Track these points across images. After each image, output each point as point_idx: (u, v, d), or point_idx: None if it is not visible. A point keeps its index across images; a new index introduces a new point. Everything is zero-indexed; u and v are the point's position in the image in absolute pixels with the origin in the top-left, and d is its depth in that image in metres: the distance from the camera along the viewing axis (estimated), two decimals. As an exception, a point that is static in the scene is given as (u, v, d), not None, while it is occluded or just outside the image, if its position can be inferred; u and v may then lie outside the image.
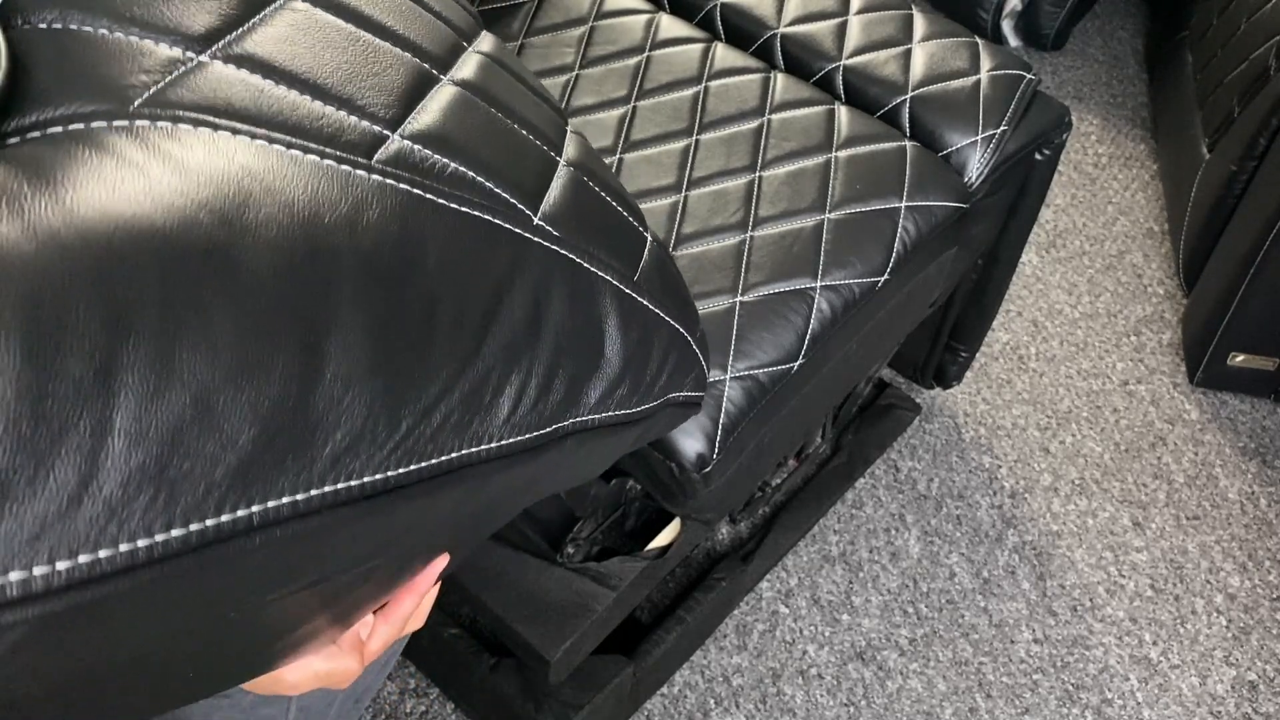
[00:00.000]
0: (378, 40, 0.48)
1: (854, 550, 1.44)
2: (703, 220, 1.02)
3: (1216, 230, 1.66)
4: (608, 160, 1.07)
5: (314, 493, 0.39)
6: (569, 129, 0.60)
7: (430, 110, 0.47)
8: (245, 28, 0.43)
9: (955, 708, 1.31)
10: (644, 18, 1.20)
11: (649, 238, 0.62)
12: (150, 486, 0.34)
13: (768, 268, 0.99)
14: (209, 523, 0.36)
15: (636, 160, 1.07)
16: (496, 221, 0.47)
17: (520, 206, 0.49)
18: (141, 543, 0.34)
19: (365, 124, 0.44)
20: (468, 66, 0.52)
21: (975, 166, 1.12)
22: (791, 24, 1.22)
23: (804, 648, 1.35)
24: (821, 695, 1.31)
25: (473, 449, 0.46)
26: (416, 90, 0.48)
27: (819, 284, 0.99)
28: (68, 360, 0.32)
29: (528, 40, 1.19)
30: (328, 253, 0.39)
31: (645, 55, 1.17)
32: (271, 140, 0.40)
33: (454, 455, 0.45)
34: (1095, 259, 1.83)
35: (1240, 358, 1.61)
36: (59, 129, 0.37)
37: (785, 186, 1.05)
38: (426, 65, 0.50)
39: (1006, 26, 2.17)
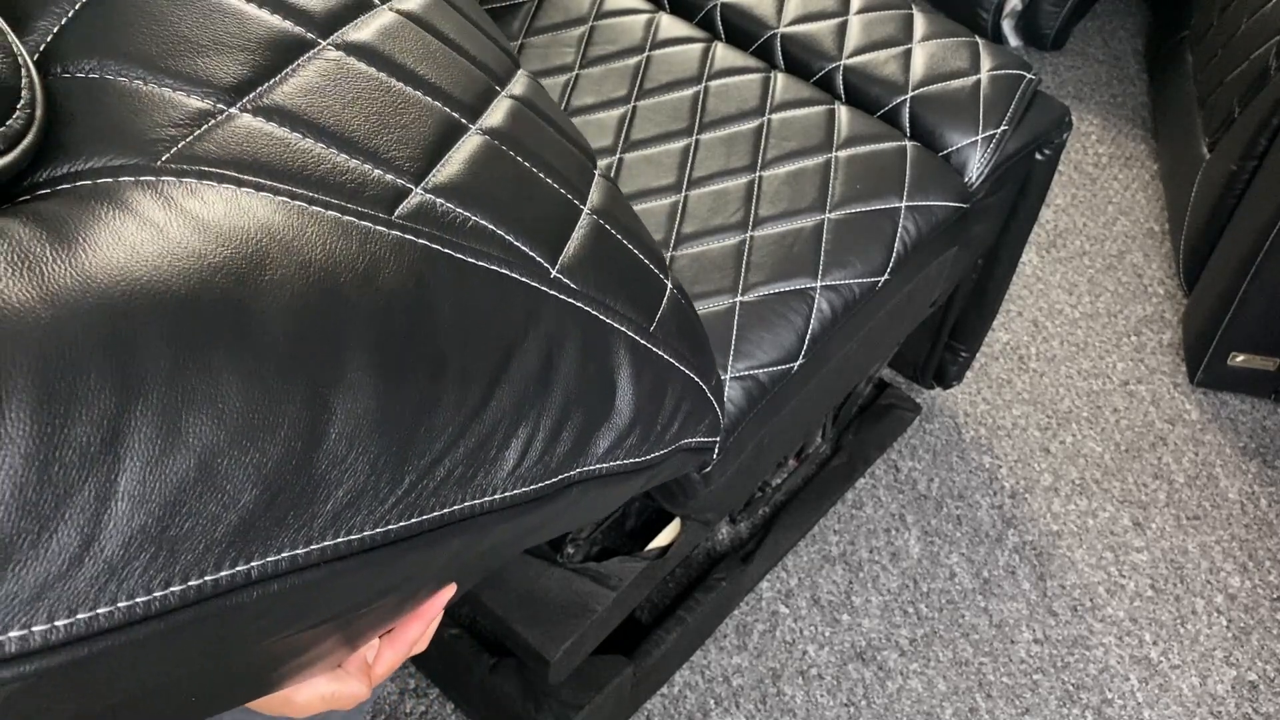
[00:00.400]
0: (408, 89, 0.48)
1: (854, 550, 1.44)
2: (703, 220, 1.02)
3: (1217, 230, 1.66)
4: (607, 160, 1.07)
5: (314, 548, 0.39)
6: (596, 173, 0.60)
7: (455, 161, 0.47)
8: (276, 79, 0.44)
9: (955, 708, 1.31)
10: (644, 17, 1.20)
11: (669, 285, 0.62)
12: (151, 546, 0.34)
13: (768, 267, 0.99)
14: (208, 579, 0.36)
15: (636, 160, 1.07)
16: (513, 275, 0.47)
17: (538, 259, 0.49)
18: (140, 599, 0.35)
19: (390, 177, 0.44)
20: (498, 113, 0.52)
21: (975, 166, 1.12)
22: (791, 24, 1.22)
23: (804, 648, 1.35)
24: (821, 695, 1.31)
25: (476, 501, 0.46)
26: (444, 141, 0.48)
27: (819, 284, 0.99)
28: (76, 426, 0.32)
29: (528, 40, 1.19)
30: (341, 314, 0.39)
31: (645, 55, 1.17)
32: (294, 197, 0.40)
33: (456, 508, 0.45)
34: (1095, 259, 1.83)
35: (1241, 358, 1.61)
36: (87, 183, 0.37)
37: (785, 186, 1.05)
38: (456, 115, 0.50)
39: (1007, 26, 2.17)
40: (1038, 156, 1.19)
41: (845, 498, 1.48)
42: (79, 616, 0.33)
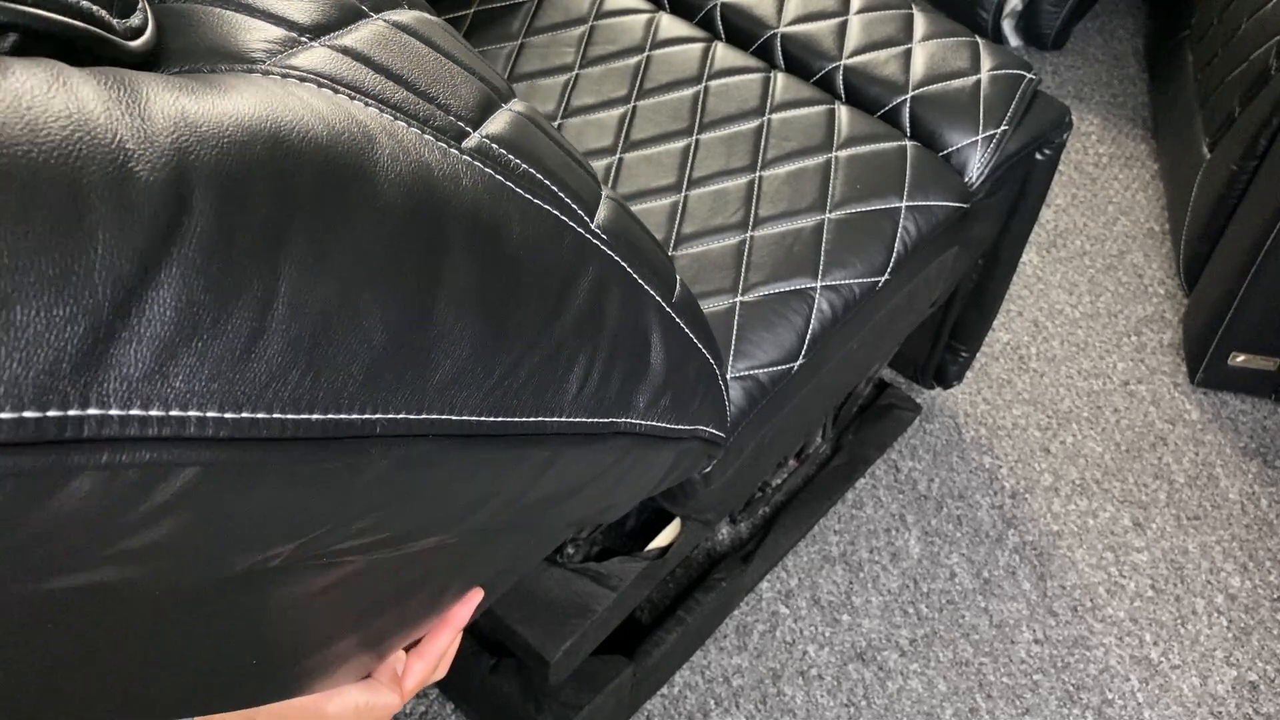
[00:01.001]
0: (449, 62, 0.52)
1: (854, 550, 1.44)
2: (703, 220, 1.02)
3: (1217, 230, 1.66)
4: (607, 160, 1.07)
5: (424, 416, 0.43)
6: (604, 193, 0.64)
7: (499, 121, 0.51)
8: (344, 30, 0.47)
9: (955, 708, 1.31)
10: (644, 17, 1.20)
11: (679, 279, 0.66)
12: (302, 362, 0.37)
13: (768, 267, 0.99)
14: (343, 416, 0.39)
15: (636, 160, 1.07)
16: (563, 218, 0.51)
17: (580, 212, 0.53)
18: (290, 416, 0.37)
19: (450, 118, 0.48)
20: (519, 106, 0.57)
21: (976, 166, 1.12)
22: (792, 24, 1.22)
23: (804, 648, 1.35)
24: (822, 696, 1.31)
25: (546, 418, 0.50)
26: (486, 105, 0.51)
27: (819, 284, 0.99)
28: (249, 221, 0.35)
29: (527, 40, 1.18)
30: (440, 196, 0.43)
31: (645, 55, 1.16)
32: (381, 110, 0.44)
33: (530, 419, 0.49)
34: (1096, 259, 1.83)
35: (1241, 358, 1.61)
36: (205, 70, 0.41)
37: (785, 186, 1.05)
38: (489, 90, 0.54)
39: (1007, 26, 2.17)
40: (1038, 156, 1.19)
41: (845, 498, 1.48)
42: (243, 415, 0.35)
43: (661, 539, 1.06)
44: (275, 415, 0.37)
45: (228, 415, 0.35)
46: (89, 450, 0.32)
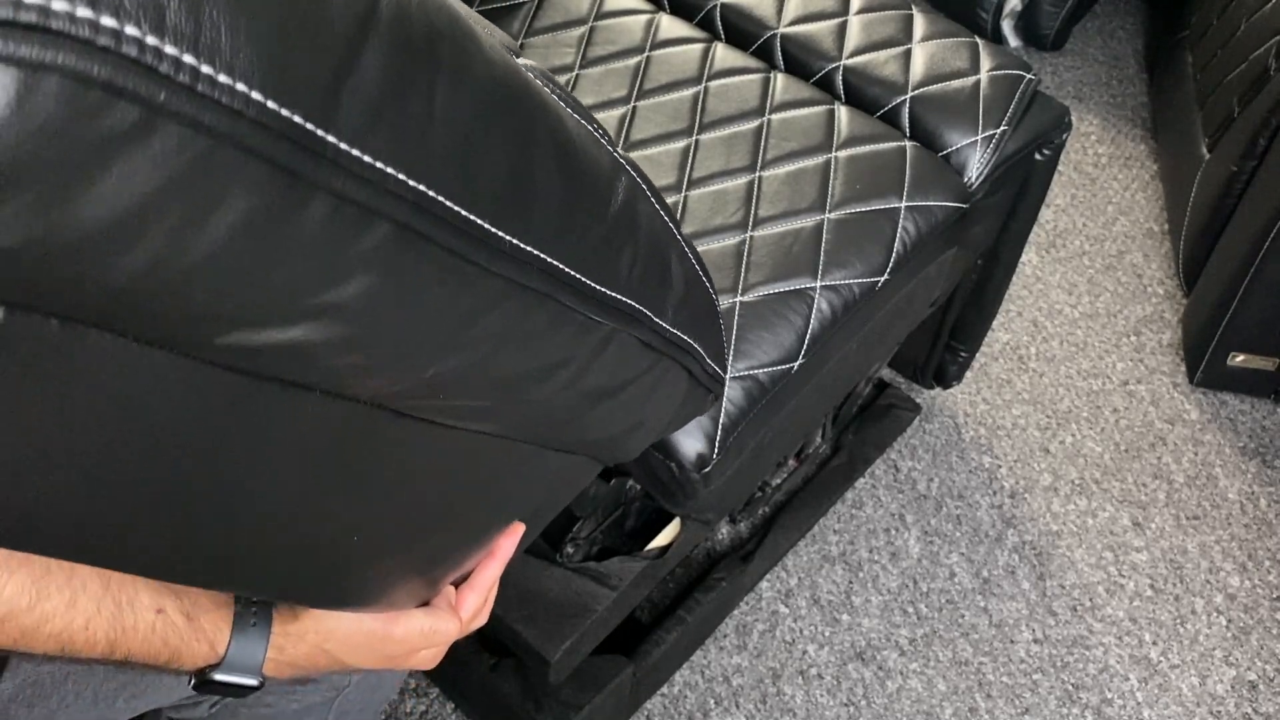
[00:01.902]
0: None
1: (854, 550, 1.44)
2: (703, 220, 1.02)
3: (1216, 230, 1.66)
4: (608, 160, 1.08)
5: (532, 250, 0.48)
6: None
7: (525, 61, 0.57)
8: None
9: (955, 707, 1.31)
10: (644, 18, 1.20)
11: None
12: (457, 161, 0.42)
13: (768, 268, 0.99)
14: (487, 225, 0.45)
15: (636, 160, 1.07)
16: (597, 134, 0.56)
17: (609, 137, 0.58)
18: (451, 205, 0.43)
19: (497, 38, 0.53)
20: (531, 63, 0.62)
21: (975, 166, 1.13)
22: (791, 24, 1.22)
23: (804, 647, 1.35)
24: (821, 695, 1.31)
25: (608, 290, 0.56)
26: (511, 50, 0.57)
27: (819, 284, 0.99)
28: (413, 25, 0.40)
29: (528, 40, 1.19)
30: (522, 78, 0.48)
31: (645, 55, 1.17)
32: None
33: (598, 286, 0.55)
34: (1095, 259, 1.83)
35: (1240, 358, 1.61)
36: None
37: (785, 186, 1.05)
38: (509, 40, 0.59)
39: (1006, 26, 2.17)
40: (1037, 157, 1.19)
41: (845, 498, 1.48)
42: (422, 187, 0.41)
43: (661, 539, 1.06)
44: (443, 199, 0.42)
45: (412, 183, 0.40)
46: (329, 171, 0.37)
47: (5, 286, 0.34)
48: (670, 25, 1.20)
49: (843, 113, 1.12)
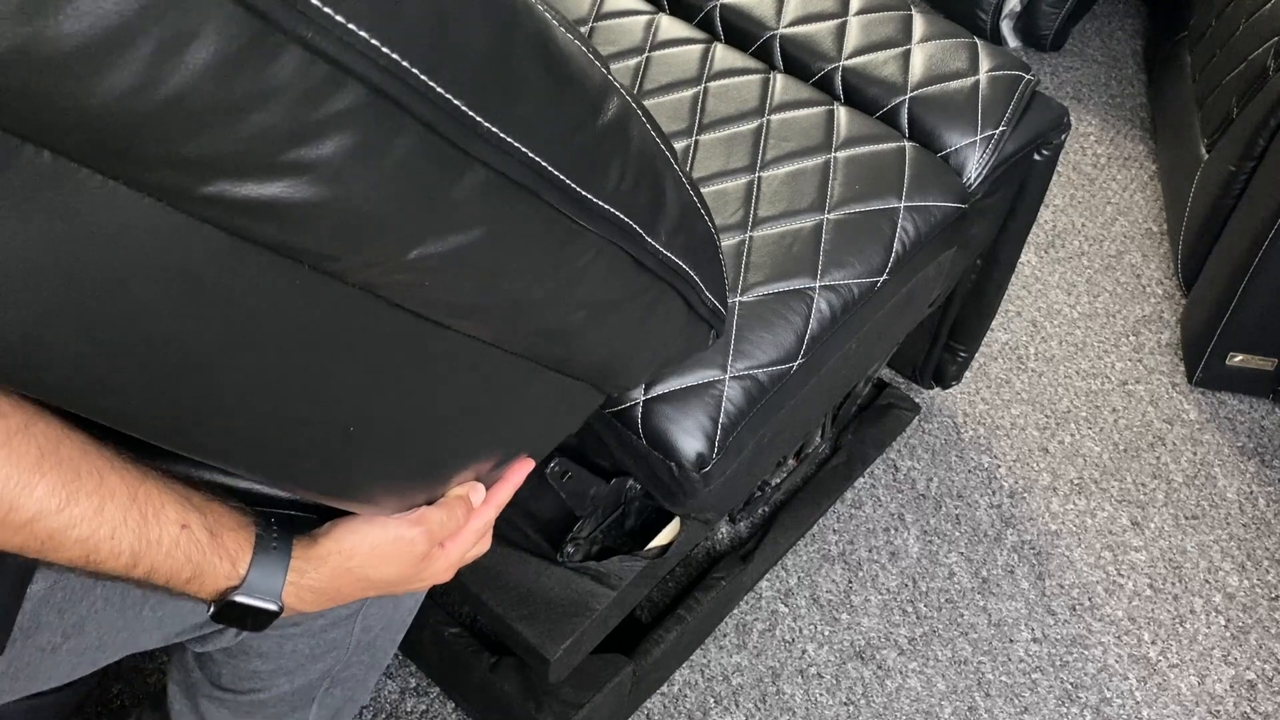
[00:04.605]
0: None
1: (853, 550, 1.44)
2: (702, 220, 1.03)
3: (1215, 230, 1.66)
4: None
5: (512, 140, 0.50)
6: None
7: None
8: None
9: (954, 707, 1.32)
10: (644, 18, 1.21)
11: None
12: (428, 33, 0.44)
13: (767, 268, 0.99)
14: (459, 103, 0.47)
15: (636, 161, 1.07)
16: (590, 56, 0.58)
17: (604, 62, 0.61)
18: (423, 77, 0.45)
19: None
20: None
21: (974, 167, 1.13)
22: (791, 25, 1.22)
23: (803, 647, 1.35)
24: (821, 694, 1.31)
25: (593, 196, 0.57)
26: None
27: (818, 284, 1.00)
28: None
29: (528, 41, 1.19)
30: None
31: (645, 56, 1.17)
32: None
33: (581, 190, 0.56)
34: (1094, 259, 1.83)
35: (1239, 357, 1.62)
36: None
37: (784, 187, 1.05)
38: None
39: (1005, 27, 2.17)
40: (1036, 157, 1.20)
41: (844, 497, 1.49)
42: (395, 55, 0.43)
43: (661, 538, 1.07)
44: (415, 70, 0.44)
45: (385, 49, 0.43)
46: (299, 22, 0.39)
47: None
48: (670, 26, 1.20)
49: (842, 113, 1.12)
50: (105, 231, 0.43)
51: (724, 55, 1.17)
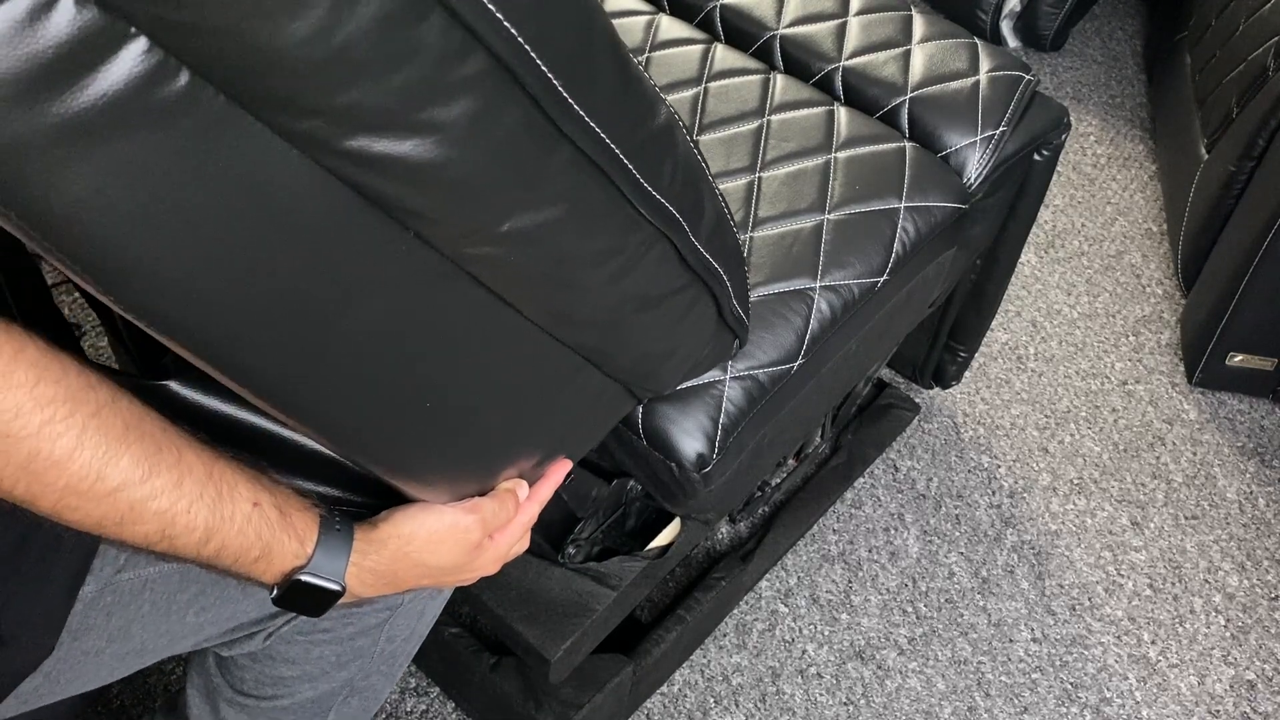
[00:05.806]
0: None
1: (853, 550, 1.44)
2: (703, 221, 1.03)
3: (1215, 230, 1.66)
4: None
5: (591, 123, 0.54)
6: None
7: None
8: None
9: (954, 706, 1.32)
10: (644, 19, 1.21)
11: None
12: (537, 19, 0.48)
13: (767, 268, 0.99)
14: (557, 82, 0.51)
15: (636, 161, 1.08)
16: (641, 66, 0.62)
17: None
18: (535, 55, 0.49)
19: None
20: None
21: (974, 167, 1.13)
22: (791, 25, 1.22)
23: (803, 647, 1.35)
24: (821, 694, 1.31)
25: (651, 187, 0.61)
26: None
27: (818, 284, 1.00)
28: None
29: (528, 41, 1.19)
30: None
31: (645, 56, 1.17)
32: None
33: (643, 180, 0.60)
34: (1094, 259, 1.83)
35: (1239, 357, 1.62)
36: None
37: (785, 187, 1.05)
38: None
39: (1005, 27, 2.17)
40: (1036, 157, 1.20)
41: (844, 497, 1.49)
42: (509, 26, 0.47)
43: (661, 538, 1.07)
44: (526, 46, 0.48)
45: (506, 23, 0.46)
46: None
47: (183, 40, 0.41)
48: (670, 26, 1.20)
49: (842, 114, 1.12)
50: (255, 179, 0.47)
51: (724, 55, 1.17)
